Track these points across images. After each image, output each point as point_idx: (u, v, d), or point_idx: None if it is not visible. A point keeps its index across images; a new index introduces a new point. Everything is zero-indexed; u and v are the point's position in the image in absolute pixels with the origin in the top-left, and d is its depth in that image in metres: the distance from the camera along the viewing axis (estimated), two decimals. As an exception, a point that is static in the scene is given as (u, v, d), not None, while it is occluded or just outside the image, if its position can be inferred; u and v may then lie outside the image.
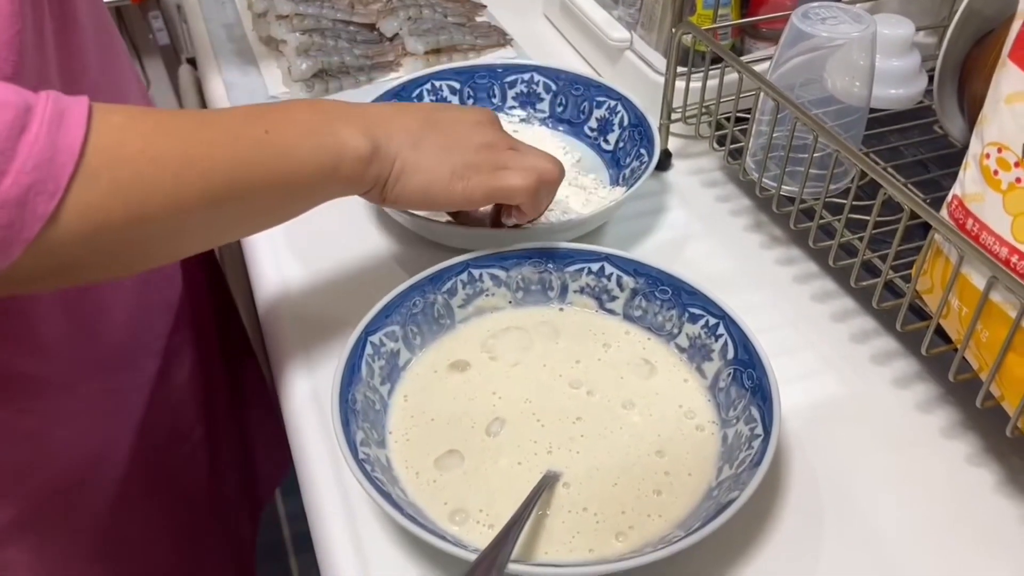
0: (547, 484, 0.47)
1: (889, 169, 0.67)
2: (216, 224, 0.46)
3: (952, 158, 0.67)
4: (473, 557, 0.40)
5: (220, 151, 0.43)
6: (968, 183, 0.47)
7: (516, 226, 0.59)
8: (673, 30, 0.67)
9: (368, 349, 0.51)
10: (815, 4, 0.61)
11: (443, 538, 0.42)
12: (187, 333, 0.72)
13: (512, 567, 0.41)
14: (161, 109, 0.44)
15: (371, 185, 0.51)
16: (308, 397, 0.55)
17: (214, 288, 0.82)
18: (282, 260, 0.64)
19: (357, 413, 0.48)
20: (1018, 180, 0.43)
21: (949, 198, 0.49)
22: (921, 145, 0.69)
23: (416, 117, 0.53)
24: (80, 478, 0.59)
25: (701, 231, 0.68)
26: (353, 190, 0.51)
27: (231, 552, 0.82)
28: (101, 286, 0.59)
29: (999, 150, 0.44)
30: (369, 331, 0.52)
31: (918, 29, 0.70)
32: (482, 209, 0.59)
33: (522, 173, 0.54)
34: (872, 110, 0.67)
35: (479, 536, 0.45)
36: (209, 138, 0.43)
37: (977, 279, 0.46)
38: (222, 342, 0.82)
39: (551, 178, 0.55)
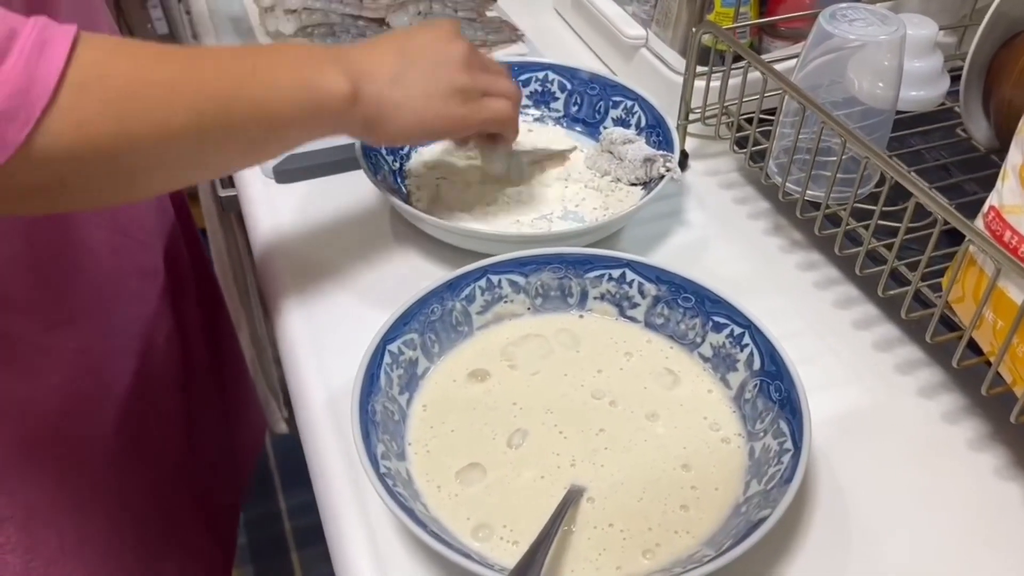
0: (572, 500, 0.45)
1: (912, 173, 0.66)
2: (201, 155, 0.47)
3: (975, 162, 0.66)
4: (500, 577, 0.39)
5: (208, 83, 0.45)
6: (1007, 194, 0.45)
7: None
8: (693, 29, 0.65)
9: (387, 358, 0.50)
10: (843, 5, 0.59)
11: (468, 556, 0.41)
12: (165, 301, 0.72)
13: (540, 588, 0.40)
14: (154, 43, 0.45)
15: (359, 125, 0.53)
16: (323, 406, 0.54)
17: (196, 260, 0.83)
18: (298, 265, 0.63)
19: (377, 424, 0.47)
20: (1060, 192, 0.42)
21: (985, 208, 0.48)
22: (943, 148, 0.68)
23: (390, 49, 0.54)
24: (56, 429, 0.59)
25: (719, 234, 0.67)
26: (342, 129, 0.53)
27: (205, 517, 0.83)
28: (71, 247, 0.59)
29: (1040, 161, 0.43)
30: (387, 339, 0.50)
31: (940, 28, 0.69)
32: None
33: (505, 101, 0.58)
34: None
35: (504, 553, 0.44)
36: (199, 69, 0.45)
37: (1014, 292, 0.45)
38: (201, 309, 0.83)
39: (520, 99, 0.60)
